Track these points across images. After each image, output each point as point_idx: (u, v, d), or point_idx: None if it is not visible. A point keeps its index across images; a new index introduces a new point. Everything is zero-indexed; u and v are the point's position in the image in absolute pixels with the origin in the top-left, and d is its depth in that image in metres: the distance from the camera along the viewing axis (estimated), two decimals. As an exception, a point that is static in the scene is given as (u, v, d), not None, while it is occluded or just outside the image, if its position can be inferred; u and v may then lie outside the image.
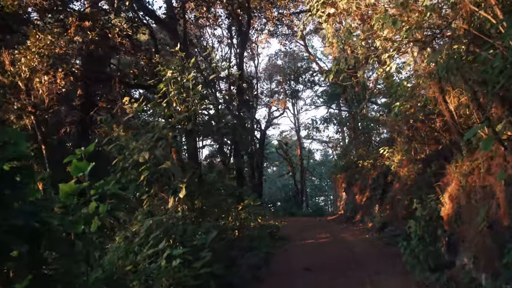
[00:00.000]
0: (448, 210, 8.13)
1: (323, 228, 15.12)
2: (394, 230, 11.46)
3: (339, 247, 10.55)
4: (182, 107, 7.73)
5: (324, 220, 19.26)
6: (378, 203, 14.14)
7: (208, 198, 7.99)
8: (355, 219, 16.29)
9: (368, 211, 15.07)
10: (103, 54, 12.70)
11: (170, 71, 7.89)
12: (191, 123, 7.35)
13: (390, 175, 12.91)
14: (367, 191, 15.70)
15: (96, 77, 14.88)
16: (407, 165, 11.60)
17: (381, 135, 18.51)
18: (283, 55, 33.11)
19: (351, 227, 14.83)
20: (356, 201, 16.96)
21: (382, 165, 14.18)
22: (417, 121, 9.17)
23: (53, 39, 8.74)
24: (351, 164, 18.16)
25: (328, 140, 33.50)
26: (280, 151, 35.49)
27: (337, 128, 23.55)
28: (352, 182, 17.79)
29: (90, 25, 9.74)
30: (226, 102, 12.77)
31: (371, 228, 13.37)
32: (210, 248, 6.08)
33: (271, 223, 12.66)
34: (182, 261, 5.40)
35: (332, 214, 21.31)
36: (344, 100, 21.64)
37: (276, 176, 45.98)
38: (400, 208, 11.79)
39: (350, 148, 19.52)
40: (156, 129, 7.46)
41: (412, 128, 9.51)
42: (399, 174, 12.17)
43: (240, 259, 8.67)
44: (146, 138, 7.44)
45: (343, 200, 20.01)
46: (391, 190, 13.32)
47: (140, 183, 7.66)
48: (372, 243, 10.97)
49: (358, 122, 20.43)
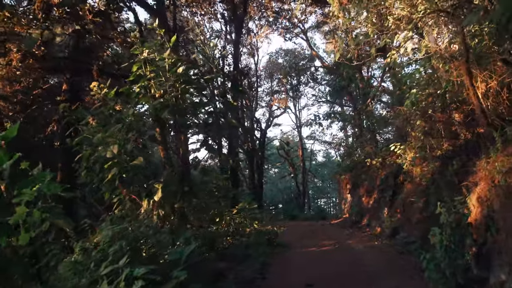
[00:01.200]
0: (476, 214, 6.83)
1: (326, 234, 13.80)
2: (407, 237, 10.17)
3: (345, 257, 9.25)
4: (159, 92, 6.49)
5: (328, 224, 17.92)
6: (388, 206, 12.84)
7: (191, 201, 6.72)
8: (361, 223, 14.97)
9: (376, 214, 13.75)
10: (78, 39, 11.38)
11: (146, 50, 6.65)
12: (167, 111, 6.10)
13: (402, 174, 11.60)
14: (375, 192, 14.38)
15: (78, 68, 13.70)
16: (421, 163, 10.31)
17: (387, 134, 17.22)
18: (284, 53, 31.94)
19: (358, 232, 13.51)
20: (362, 203, 15.63)
21: (392, 164, 12.88)
22: (437, 111, 7.87)
23: (10, 14, 7.51)
24: (357, 164, 16.85)
25: (331, 140, 32.21)
26: (281, 152, 34.31)
27: (342, 125, 22.22)
28: (358, 183, 16.46)
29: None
30: (221, 95, 11.59)
31: (380, 234, 12.07)
32: (186, 265, 4.81)
33: (269, 228, 11.38)
34: (145, 284, 4.13)
35: (336, 218, 19.97)
36: (348, 95, 20.37)
37: (278, 178, 44.86)
38: (414, 212, 10.50)
39: (356, 146, 18.21)
40: (126, 118, 6.22)
41: (431, 120, 8.21)
42: (412, 174, 10.87)
43: (230, 272, 7.38)
44: (114, 129, 6.19)
45: (348, 202, 18.66)
46: (402, 191, 12.02)
47: (110, 182, 6.44)
48: (382, 252, 9.67)
49: (363, 119, 19.15)
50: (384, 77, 22.71)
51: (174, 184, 6.47)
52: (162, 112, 6.16)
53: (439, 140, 9.42)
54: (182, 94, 6.65)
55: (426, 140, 9.49)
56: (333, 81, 18.47)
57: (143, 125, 6.29)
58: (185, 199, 6.61)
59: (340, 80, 17.01)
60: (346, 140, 22.87)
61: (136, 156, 6.18)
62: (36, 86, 15.43)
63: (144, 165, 6.34)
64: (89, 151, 6.40)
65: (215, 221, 9.97)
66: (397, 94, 12.19)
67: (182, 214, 6.47)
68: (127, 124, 6.13)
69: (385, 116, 17.35)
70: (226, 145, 19.34)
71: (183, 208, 6.49)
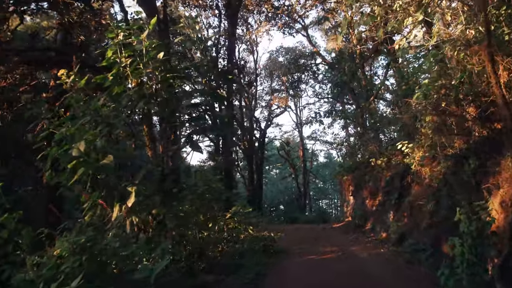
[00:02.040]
0: (499, 221, 5.97)
1: (328, 239, 12.91)
2: (416, 244, 9.28)
3: (349, 266, 8.38)
4: (135, 81, 5.65)
5: (329, 228, 17.00)
6: (393, 210, 11.97)
7: (172, 205, 5.87)
8: (365, 227, 14.08)
9: (380, 218, 12.88)
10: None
11: (121, 32, 5.80)
12: (143, 101, 5.27)
13: (409, 175, 10.73)
14: (379, 195, 13.50)
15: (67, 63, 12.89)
16: (431, 163, 9.44)
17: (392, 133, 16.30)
18: (285, 51, 31.09)
19: (361, 237, 12.62)
20: (366, 206, 14.74)
21: (398, 164, 12.00)
22: (451, 104, 6.99)
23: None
24: (360, 164, 15.96)
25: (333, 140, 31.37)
26: (281, 152, 33.49)
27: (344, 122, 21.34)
28: (362, 185, 15.56)
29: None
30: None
31: (386, 240, 11.19)
32: (156, 286, 3.96)
33: (265, 234, 10.50)
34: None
35: (338, 221, 19.05)
36: (350, 93, 19.47)
37: (279, 179, 44.11)
38: (423, 216, 9.62)
39: (358, 146, 17.32)
40: (98, 110, 5.38)
41: (444, 114, 7.33)
42: (420, 174, 10.00)
43: (219, 286, 6.52)
44: (83, 123, 5.35)
45: (351, 205, 17.75)
46: (409, 193, 11.15)
47: (79, 184, 5.61)
48: (389, 261, 8.80)
49: (366, 118, 18.28)
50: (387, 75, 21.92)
51: (153, 186, 5.63)
52: (137, 103, 5.32)
53: (452, 137, 8.53)
54: (162, 83, 5.81)
55: (437, 137, 8.63)
56: (334, 76, 17.58)
57: (116, 118, 5.43)
58: (166, 204, 5.76)
59: (342, 75, 16.15)
60: (348, 140, 22.02)
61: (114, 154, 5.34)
62: (23, 83, 14.70)
63: (114, 165, 5.49)
64: (55, 149, 5.56)
65: (207, 226, 9.13)
66: (402, 89, 11.32)
67: (161, 221, 5.61)
68: (96, 117, 5.29)
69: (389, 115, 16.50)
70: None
71: (163, 214, 5.63)
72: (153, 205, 5.61)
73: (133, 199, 5.12)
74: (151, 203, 5.57)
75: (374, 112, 17.59)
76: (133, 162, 6.34)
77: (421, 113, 7.74)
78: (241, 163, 30.74)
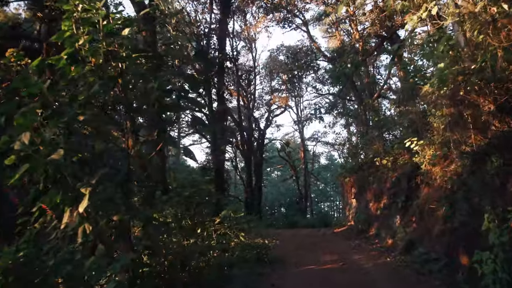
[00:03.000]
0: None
1: (328, 246, 11.87)
2: (427, 253, 8.25)
3: (351, 278, 7.37)
4: (93, 60, 4.69)
5: (330, 234, 15.94)
6: (400, 214, 10.94)
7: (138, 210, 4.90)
8: (369, 232, 13.06)
9: (386, 223, 11.85)
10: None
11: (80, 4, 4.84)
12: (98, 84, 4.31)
13: (419, 175, 9.72)
14: (384, 197, 12.47)
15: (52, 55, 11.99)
16: (443, 162, 8.44)
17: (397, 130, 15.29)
18: (286, 50, 30.12)
19: (365, 244, 11.59)
20: (370, 210, 13.70)
21: (405, 164, 10.99)
22: (471, 92, 5.99)
23: None
24: (363, 165, 14.93)
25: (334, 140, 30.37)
26: (282, 154, 32.51)
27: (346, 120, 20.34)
28: (365, 186, 14.52)
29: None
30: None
31: (393, 247, 10.17)
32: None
33: (259, 241, 9.50)
34: None
35: (339, 225, 17.97)
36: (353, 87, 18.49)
37: (279, 181, 43.16)
38: (434, 222, 8.62)
39: (361, 145, 16.30)
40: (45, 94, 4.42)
41: (461, 105, 6.33)
42: (431, 174, 8.98)
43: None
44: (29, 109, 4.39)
45: (353, 208, 16.70)
46: (418, 196, 10.13)
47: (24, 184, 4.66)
48: (398, 272, 7.79)
49: (370, 117, 17.29)
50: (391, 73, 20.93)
51: (113, 187, 4.65)
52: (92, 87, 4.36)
53: (467, 132, 7.52)
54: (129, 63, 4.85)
55: (451, 133, 7.63)
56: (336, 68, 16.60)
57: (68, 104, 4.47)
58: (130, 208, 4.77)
59: (344, 67, 15.14)
60: (350, 139, 21.01)
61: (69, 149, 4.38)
62: (5, 79, 13.86)
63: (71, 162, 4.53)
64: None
65: (194, 232, 8.18)
66: (410, 82, 10.33)
67: (124, 229, 4.63)
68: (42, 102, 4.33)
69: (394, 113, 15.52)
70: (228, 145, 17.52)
71: (127, 221, 4.65)
72: (116, 210, 4.62)
73: (86, 203, 4.14)
74: (112, 207, 4.58)
75: (378, 109, 16.59)
76: (98, 159, 5.36)
77: (435, 104, 6.72)
78: (241, 164, 29.83)
